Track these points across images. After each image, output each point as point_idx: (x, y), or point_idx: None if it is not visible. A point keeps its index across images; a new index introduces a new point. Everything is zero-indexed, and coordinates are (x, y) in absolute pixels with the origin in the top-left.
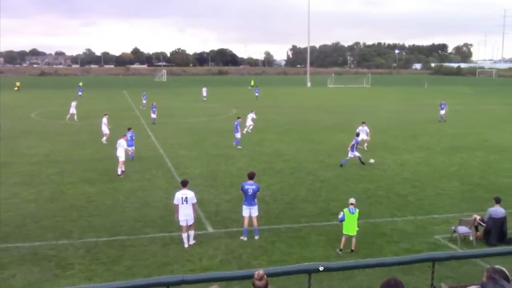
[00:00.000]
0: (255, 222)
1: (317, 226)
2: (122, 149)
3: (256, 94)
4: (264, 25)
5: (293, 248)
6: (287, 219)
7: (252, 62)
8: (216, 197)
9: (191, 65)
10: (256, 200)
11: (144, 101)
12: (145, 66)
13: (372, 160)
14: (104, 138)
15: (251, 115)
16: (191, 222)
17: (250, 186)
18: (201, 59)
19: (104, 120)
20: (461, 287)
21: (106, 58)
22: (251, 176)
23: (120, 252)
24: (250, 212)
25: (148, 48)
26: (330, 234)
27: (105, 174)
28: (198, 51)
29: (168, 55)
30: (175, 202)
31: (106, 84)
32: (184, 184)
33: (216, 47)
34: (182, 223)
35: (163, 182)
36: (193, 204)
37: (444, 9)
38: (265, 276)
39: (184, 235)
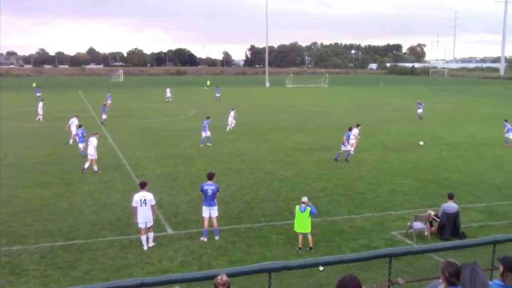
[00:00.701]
0: (215, 222)
1: (277, 225)
2: (92, 146)
3: (217, 95)
4: (222, 25)
5: (253, 247)
6: (247, 219)
7: (210, 62)
8: (175, 198)
9: (148, 65)
10: (215, 201)
11: (109, 102)
12: (101, 66)
13: (421, 142)
14: (75, 139)
15: (232, 113)
16: (150, 224)
17: (210, 187)
18: (158, 59)
19: (75, 121)
20: (417, 281)
21: (60, 58)
22: (210, 177)
23: (77, 256)
24: (210, 212)
25: (104, 48)
26: (290, 233)
27: (60, 177)
28: (156, 51)
29: (125, 55)
30: (134, 204)
31: (60, 84)
32: (143, 186)
33: (173, 47)
34: (141, 225)
35: (121, 184)
36: (152, 206)
37: (398, 10)
38: (228, 281)
39: (143, 237)
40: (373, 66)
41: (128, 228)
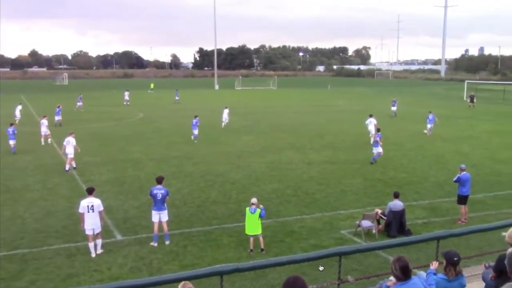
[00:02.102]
0: (165, 227)
1: (228, 227)
2: (71, 146)
3: (177, 98)
4: (170, 27)
5: (205, 251)
6: (198, 222)
7: (158, 65)
8: (124, 203)
9: (94, 68)
10: (165, 205)
11: (80, 103)
12: (44, 69)
13: (425, 131)
14: (46, 139)
15: (226, 111)
16: (98, 230)
17: (159, 191)
18: (105, 61)
19: (45, 122)
20: (366, 278)
21: (0, 61)
22: (159, 181)
23: (22, 266)
24: (159, 217)
25: (47, 51)
26: (242, 235)
27: (2, 184)
28: (102, 53)
29: (70, 57)
30: (81, 210)
31: (1, 88)
32: (90, 191)
33: (120, 49)
34: (89, 232)
35: (66, 191)
36: (100, 212)
37: (344, 14)
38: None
39: (91, 244)
40: (321, 68)
41: (75, 235)
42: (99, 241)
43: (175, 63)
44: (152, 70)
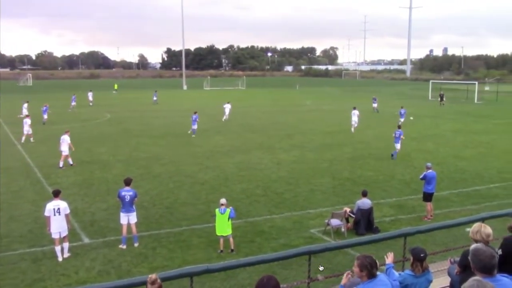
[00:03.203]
0: (134, 229)
1: (198, 228)
2: (65, 144)
3: (155, 98)
4: (137, 28)
5: (174, 252)
6: (167, 224)
7: (126, 65)
8: (91, 206)
9: (59, 68)
10: (134, 207)
11: (74, 103)
12: (7, 69)
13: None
14: (27, 138)
15: (228, 106)
16: (64, 234)
17: (127, 193)
18: (70, 62)
19: (28, 121)
20: (335, 276)
21: None
22: (127, 182)
23: None
24: (128, 219)
25: (9, 51)
26: (212, 236)
27: None
28: (67, 53)
29: (34, 58)
30: (47, 214)
31: None
32: (56, 194)
33: (86, 49)
34: (55, 235)
35: (31, 194)
36: (67, 215)
37: (312, 15)
38: (158, 280)
39: (57, 248)
40: (289, 68)
41: (41, 239)
42: (66, 245)
43: (142, 64)
44: (119, 70)
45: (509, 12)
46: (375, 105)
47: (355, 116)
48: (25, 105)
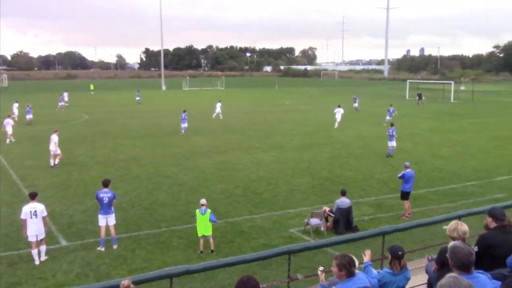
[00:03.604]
0: (112, 231)
1: (177, 229)
2: (53, 143)
3: (137, 98)
4: (115, 28)
5: (154, 254)
6: (146, 225)
7: (103, 66)
8: (69, 208)
9: (36, 69)
10: (112, 208)
11: (62, 103)
12: None
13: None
14: (8, 140)
15: (219, 104)
16: (41, 236)
17: (106, 194)
18: (47, 62)
19: (10, 121)
20: (315, 275)
21: None
22: (106, 184)
23: None
24: (107, 221)
25: None
26: (191, 237)
27: None
28: (43, 53)
29: (9, 58)
30: (23, 217)
31: None
32: (33, 196)
33: (63, 49)
34: (32, 238)
35: (7, 196)
36: (44, 218)
37: (290, 15)
38: (132, 286)
39: (34, 252)
40: (268, 68)
41: (17, 242)
42: (43, 248)
43: (120, 64)
44: (97, 71)
45: (483, 13)
46: (356, 104)
47: (339, 114)
48: (16, 104)
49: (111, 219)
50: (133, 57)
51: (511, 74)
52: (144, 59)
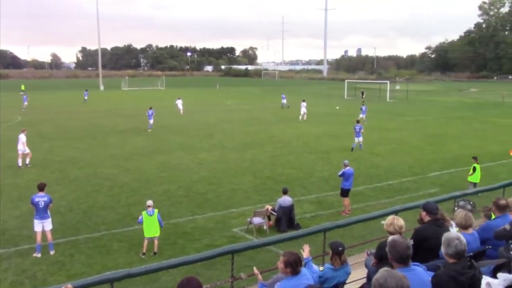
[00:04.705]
0: (49, 236)
1: (118, 232)
2: (20, 143)
3: (86, 98)
4: (49, 26)
5: (93, 258)
6: (85, 229)
7: (37, 65)
8: (2, 213)
9: None
10: (49, 213)
11: (26, 103)
12: None
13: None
14: None
15: (179, 101)
16: None
17: (41, 198)
18: None
19: None
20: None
21: None
22: (41, 187)
23: None
24: (43, 226)
25: None
26: (133, 239)
27: None
28: None
29: None
30: None
31: None
32: None
33: None
34: None
35: None
36: None
37: (230, 14)
38: None
39: None
40: (209, 68)
41: None
42: None
43: (55, 63)
44: (31, 70)
45: (415, 16)
46: (284, 101)
47: (303, 107)
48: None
49: (48, 224)
50: (69, 56)
51: (443, 74)
52: (80, 58)
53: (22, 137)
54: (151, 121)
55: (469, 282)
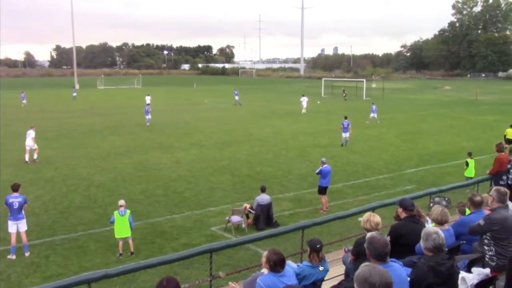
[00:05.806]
0: (24, 237)
1: (95, 233)
2: (30, 138)
3: (74, 94)
4: (22, 24)
5: (70, 259)
6: (61, 230)
7: (10, 64)
8: None
9: None
10: (23, 214)
11: (24, 101)
12: None
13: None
14: None
15: (148, 97)
16: None
17: (16, 199)
18: None
19: None
20: (237, 272)
21: None
22: (15, 188)
23: None
24: (17, 227)
25: None
26: (110, 240)
27: None
28: None
29: None
30: None
31: None
32: None
33: None
34: None
35: None
36: None
37: (207, 12)
38: None
39: None
40: (186, 66)
41: None
42: None
43: (29, 62)
44: (3, 69)
45: (389, 16)
46: (236, 98)
47: (304, 101)
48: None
49: (22, 225)
50: (43, 55)
51: (418, 72)
52: (55, 56)
53: (32, 133)
54: (149, 117)
55: (447, 273)
